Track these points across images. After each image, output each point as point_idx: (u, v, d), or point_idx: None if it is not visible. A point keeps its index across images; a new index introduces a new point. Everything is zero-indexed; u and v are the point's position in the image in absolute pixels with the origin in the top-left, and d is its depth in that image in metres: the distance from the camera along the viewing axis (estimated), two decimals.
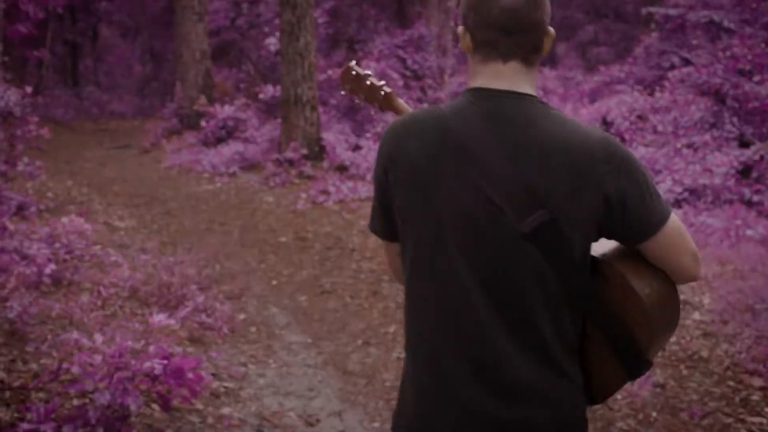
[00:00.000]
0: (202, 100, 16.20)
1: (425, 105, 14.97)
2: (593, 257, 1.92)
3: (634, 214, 1.83)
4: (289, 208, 10.28)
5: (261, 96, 15.51)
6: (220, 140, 14.76)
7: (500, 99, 1.88)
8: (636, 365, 1.92)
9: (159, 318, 3.89)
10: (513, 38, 1.88)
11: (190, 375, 3.53)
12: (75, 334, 3.71)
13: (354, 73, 2.64)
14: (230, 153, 13.25)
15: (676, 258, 1.89)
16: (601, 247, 1.95)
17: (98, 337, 3.58)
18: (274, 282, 7.40)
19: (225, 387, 4.91)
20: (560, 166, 1.79)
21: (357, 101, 2.71)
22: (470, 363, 1.88)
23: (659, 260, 1.90)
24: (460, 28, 1.96)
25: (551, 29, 1.94)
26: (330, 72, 14.78)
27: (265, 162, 12.46)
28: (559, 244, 1.81)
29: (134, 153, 16.06)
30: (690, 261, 1.91)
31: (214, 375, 5.04)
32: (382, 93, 2.56)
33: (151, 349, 3.50)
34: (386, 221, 2.03)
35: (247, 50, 20.89)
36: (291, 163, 12.01)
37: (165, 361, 3.41)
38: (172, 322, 4.05)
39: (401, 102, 2.55)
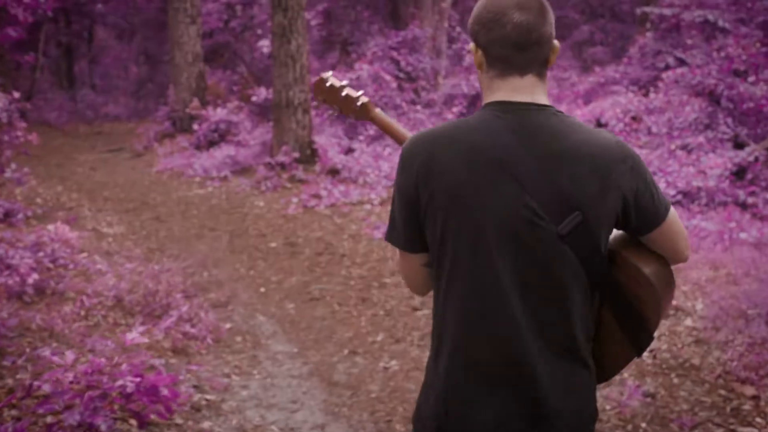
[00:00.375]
0: (195, 103, 16.10)
1: (418, 107, 14.90)
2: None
3: (645, 208, 2.04)
4: (280, 212, 10.19)
5: (254, 99, 15.41)
6: (212, 143, 14.66)
7: (524, 111, 2.01)
8: (644, 341, 2.15)
9: (133, 335, 3.80)
10: (527, 53, 2.02)
11: (165, 392, 3.44)
12: (48, 351, 3.62)
13: (328, 84, 2.63)
14: (222, 156, 13.16)
15: (675, 243, 2.14)
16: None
17: (70, 355, 3.49)
18: (263, 289, 7.32)
19: (206, 399, 4.82)
20: (587, 171, 1.96)
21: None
22: (506, 365, 2.01)
23: (661, 246, 2.12)
24: (472, 45, 2.08)
25: (556, 42, 2.08)
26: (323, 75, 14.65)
27: (256, 166, 12.37)
28: (590, 242, 1.99)
29: (127, 157, 15.98)
30: (683, 244, 2.17)
31: (195, 387, 4.95)
32: (359, 103, 2.56)
33: (124, 366, 3.40)
34: (410, 232, 2.11)
35: (240, 52, 20.81)
36: (283, 166, 11.92)
37: (138, 379, 3.32)
38: (145, 340, 3.95)
39: (379, 112, 2.56)
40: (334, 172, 11.73)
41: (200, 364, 5.36)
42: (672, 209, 2.11)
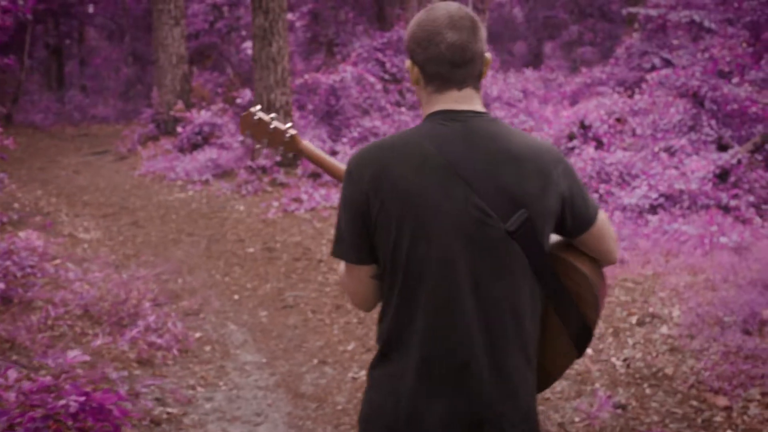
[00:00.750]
0: (179, 105, 16.00)
1: (403, 108, 14.80)
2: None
3: (578, 208, 2.14)
4: (260, 216, 10.10)
5: (238, 101, 15.31)
6: (196, 146, 14.56)
7: (466, 118, 2.09)
8: (586, 340, 2.23)
9: (74, 353, 3.70)
10: (462, 69, 2.10)
11: (113, 410, 3.35)
12: None
13: (256, 117, 2.63)
14: (204, 160, 13.05)
15: (605, 244, 2.22)
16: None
17: (12, 374, 3.39)
18: (236, 296, 7.23)
19: (168, 413, 4.73)
20: (529, 170, 2.04)
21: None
22: (456, 366, 2.05)
23: (592, 248, 2.21)
24: (408, 62, 2.16)
25: (488, 55, 2.16)
26: (307, 76, 14.58)
27: (238, 169, 12.28)
28: (536, 239, 2.06)
29: (111, 159, 15.87)
30: (614, 245, 2.25)
31: (157, 400, 4.86)
32: (287, 136, 2.59)
33: (67, 386, 3.31)
34: (360, 245, 2.12)
35: (227, 54, 20.70)
36: (264, 170, 11.83)
37: (83, 398, 3.23)
38: (87, 357, 3.85)
39: (307, 143, 2.60)
40: (315, 176, 11.64)
41: (165, 375, 5.27)
42: (601, 212, 2.20)
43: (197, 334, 6.17)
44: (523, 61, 28.04)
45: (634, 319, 6.22)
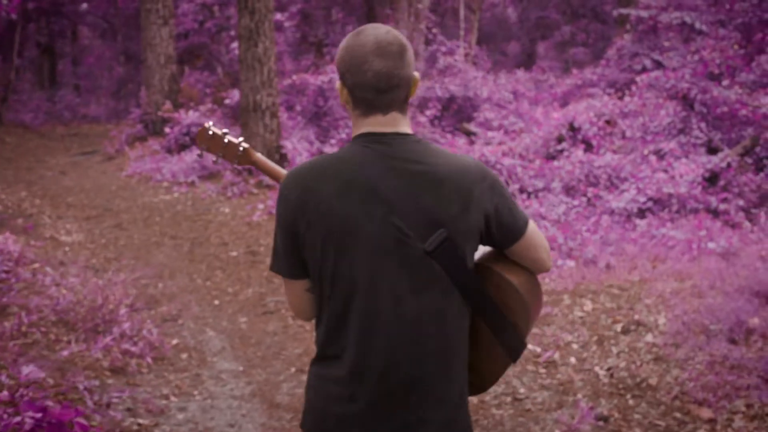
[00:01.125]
0: (168, 105, 15.86)
1: None
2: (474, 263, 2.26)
3: (506, 223, 2.20)
4: (245, 219, 9.99)
5: (227, 101, 15.20)
6: (183, 147, 14.42)
7: (390, 140, 2.15)
8: (518, 348, 2.29)
9: (29, 369, 3.59)
10: (388, 95, 2.14)
11: (73, 426, 3.23)
12: None
13: (211, 132, 2.70)
14: (190, 161, 12.92)
15: (536, 254, 2.28)
16: (480, 251, 2.30)
17: None
18: (216, 302, 7.12)
19: (139, 424, 4.62)
20: (449, 191, 2.11)
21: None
22: (381, 377, 2.13)
23: (523, 257, 2.28)
24: (338, 84, 2.21)
25: (416, 74, 2.22)
26: (295, 77, 14.46)
27: (224, 171, 12.16)
28: (457, 257, 2.13)
29: (98, 160, 15.75)
30: (545, 255, 2.31)
31: (129, 410, 4.75)
32: (240, 149, 2.66)
33: (22, 404, 3.20)
34: (293, 261, 2.20)
35: (217, 54, 20.56)
36: (250, 172, 11.71)
37: (39, 414, 3.12)
38: (42, 375, 3.74)
39: (260, 156, 2.67)
40: None
41: (138, 384, 5.16)
42: (531, 223, 2.26)
43: (174, 341, 6.06)
44: (516, 62, 27.96)
45: (619, 327, 6.13)
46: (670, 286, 6.87)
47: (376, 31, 2.15)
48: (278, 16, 17.27)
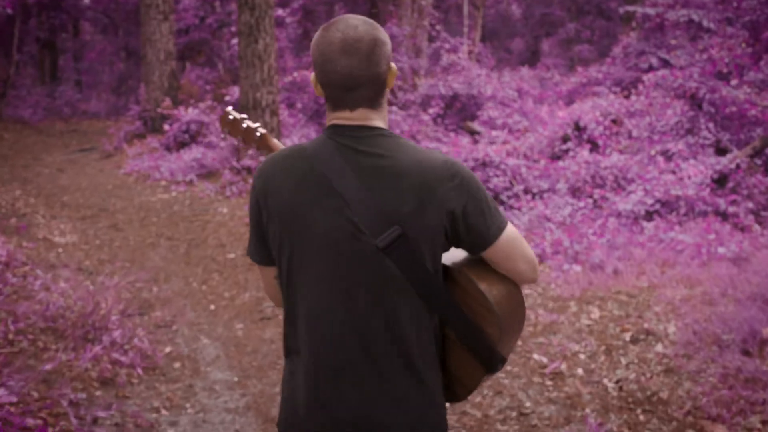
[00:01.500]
0: (167, 102, 15.66)
1: (394, 108, 14.49)
2: (445, 265, 2.17)
3: (475, 226, 2.09)
4: (243, 220, 9.78)
5: (227, 98, 15.00)
6: (183, 144, 14.23)
7: (356, 133, 2.10)
8: (490, 361, 2.17)
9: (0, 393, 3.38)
10: (355, 93, 2.09)
11: None
12: None
13: (231, 117, 2.73)
14: (189, 159, 12.72)
15: (513, 264, 2.17)
16: (453, 256, 2.20)
17: None
18: (212, 307, 6.91)
19: None
20: (408, 187, 2.03)
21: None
22: (336, 369, 2.09)
23: (499, 266, 2.17)
24: (312, 76, 2.17)
25: (393, 66, 2.16)
26: (296, 74, 14.26)
27: (223, 170, 11.95)
28: (412, 255, 2.05)
29: (97, 157, 15.57)
30: (525, 266, 2.18)
31: (117, 425, 4.54)
32: (258, 134, 2.65)
33: None
34: (262, 248, 2.23)
35: (218, 50, 20.34)
36: (249, 171, 11.50)
37: None
38: (13, 399, 3.53)
39: (276, 142, 2.66)
40: None
41: (128, 396, 4.95)
42: (510, 229, 2.15)
43: (167, 349, 5.85)
44: (520, 59, 27.77)
45: (627, 336, 5.92)
46: (679, 293, 6.66)
47: (347, 26, 2.08)
48: (280, 11, 17.05)
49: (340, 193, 2.06)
